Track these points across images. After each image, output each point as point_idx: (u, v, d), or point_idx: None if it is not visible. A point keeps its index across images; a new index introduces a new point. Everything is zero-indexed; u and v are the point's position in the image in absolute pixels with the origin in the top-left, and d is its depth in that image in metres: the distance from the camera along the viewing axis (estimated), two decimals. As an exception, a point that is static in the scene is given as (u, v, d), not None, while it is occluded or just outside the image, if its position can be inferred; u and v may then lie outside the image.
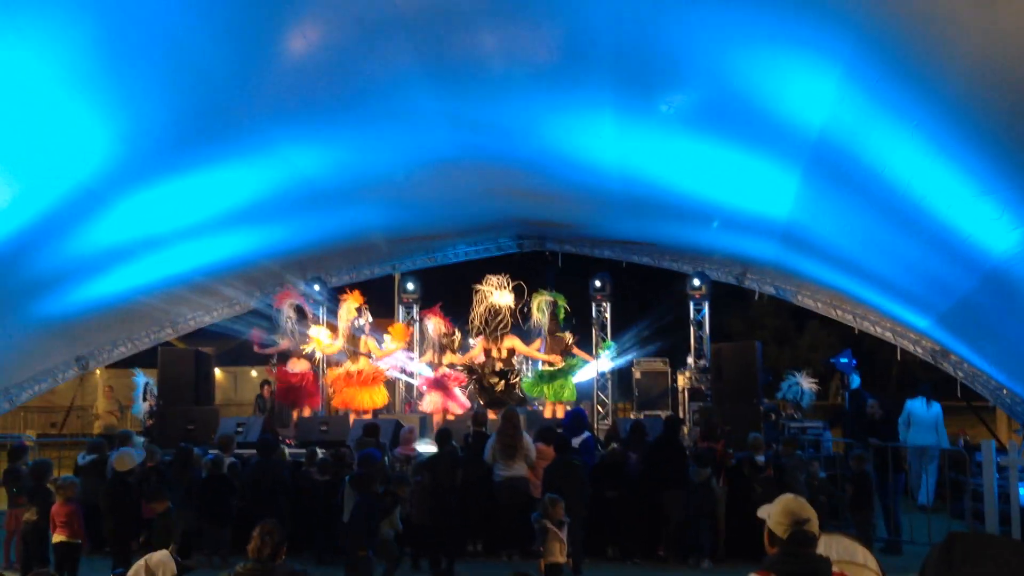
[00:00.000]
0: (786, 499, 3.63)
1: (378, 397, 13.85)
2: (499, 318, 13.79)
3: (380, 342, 14.26)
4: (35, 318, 11.95)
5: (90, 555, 9.52)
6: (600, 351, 15.59)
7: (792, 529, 3.50)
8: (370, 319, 14.08)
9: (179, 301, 14.81)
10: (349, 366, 13.74)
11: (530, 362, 15.09)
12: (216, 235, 12.46)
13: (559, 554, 7.89)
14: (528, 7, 8.22)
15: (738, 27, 7.71)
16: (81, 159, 9.14)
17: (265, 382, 16.18)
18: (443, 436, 10.18)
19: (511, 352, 13.91)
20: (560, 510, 7.92)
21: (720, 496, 10.10)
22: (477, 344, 14.10)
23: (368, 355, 13.85)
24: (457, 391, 14.06)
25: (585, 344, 15.70)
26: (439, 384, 13.97)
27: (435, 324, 14.37)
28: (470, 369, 13.96)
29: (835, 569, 3.54)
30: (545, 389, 13.96)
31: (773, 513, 3.58)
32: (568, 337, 14.20)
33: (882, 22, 6.89)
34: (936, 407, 13.11)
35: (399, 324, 15.08)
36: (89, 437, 13.55)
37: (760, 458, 10.22)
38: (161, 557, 4.96)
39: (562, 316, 14.35)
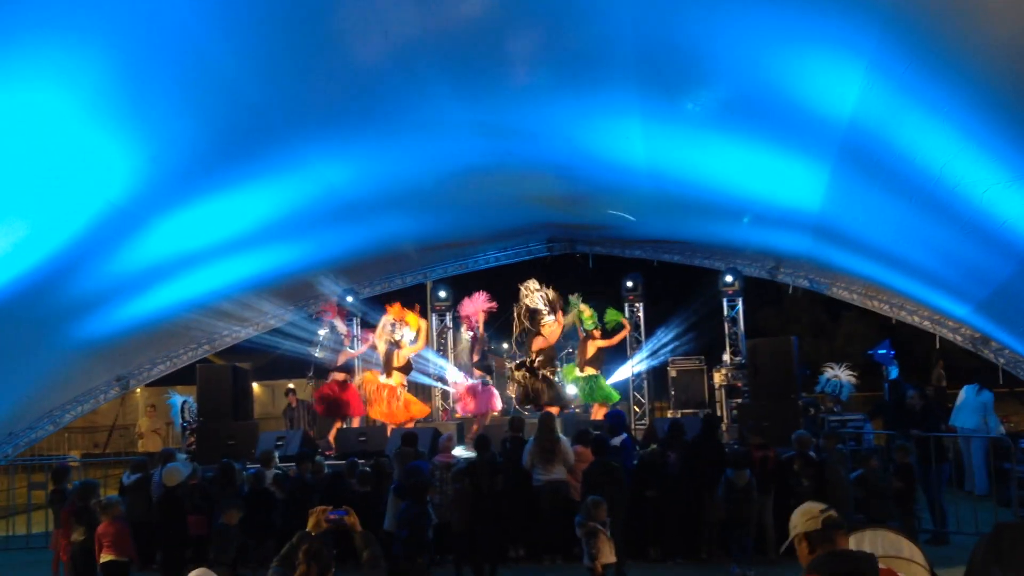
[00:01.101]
0: (800, 508, 3.70)
1: (416, 409, 13.85)
2: (536, 318, 13.86)
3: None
4: (76, 340, 12.11)
5: (139, 571, 9.61)
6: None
7: (821, 518, 3.51)
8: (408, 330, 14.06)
9: (215, 317, 14.95)
10: (384, 380, 13.73)
11: (563, 363, 15.10)
12: (249, 251, 12.57)
13: (611, 553, 7.92)
14: (550, 13, 8.22)
15: (761, 23, 7.66)
16: (113, 182, 9.23)
17: (289, 391, 16.24)
18: (482, 442, 10.19)
19: (541, 352, 13.90)
20: (603, 512, 7.92)
21: (767, 503, 9.96)
22: None
23: (402, 369, 13.83)
24: (493, 391, 14.14)
25: (620, 346, 15.68)
26: (473, 389, 14.11)
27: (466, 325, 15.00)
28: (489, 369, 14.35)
29: (882, 565, 3.52)
30: (586, 394, 14.09)
31: (799, 522, 3.60)
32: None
33: (907, 11, 6.81)
34: (986, 394, 13.00)
35: (413, 314, 14.38)
36: (133, 456, 13.69)
37: (811, 452, 10.11)
38: (200, 574, 4.98)
39: (589, 322, 14.38)
